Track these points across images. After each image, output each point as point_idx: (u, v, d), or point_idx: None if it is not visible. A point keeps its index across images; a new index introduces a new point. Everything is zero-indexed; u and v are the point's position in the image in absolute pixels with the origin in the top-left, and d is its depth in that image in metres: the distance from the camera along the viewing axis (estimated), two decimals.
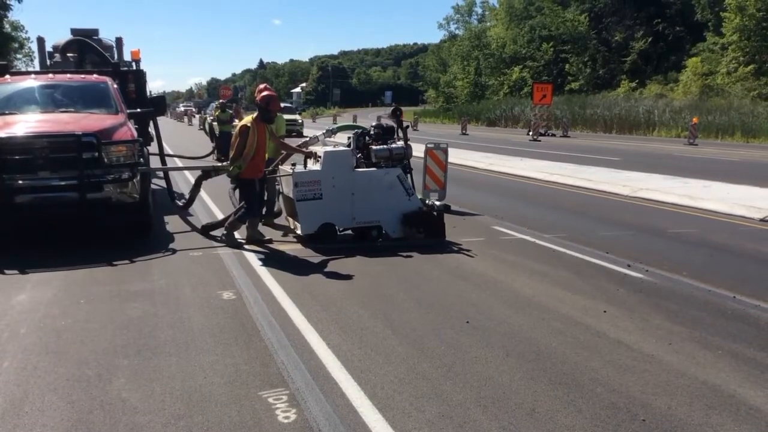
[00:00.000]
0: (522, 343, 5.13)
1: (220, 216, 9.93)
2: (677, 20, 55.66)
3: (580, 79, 59.94)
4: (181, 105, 53.95)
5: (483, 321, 5.62)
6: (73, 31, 14.00)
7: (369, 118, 50.01)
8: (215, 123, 20.87)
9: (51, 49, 14.25)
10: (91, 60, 12.89)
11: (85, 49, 12.97)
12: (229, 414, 3.91)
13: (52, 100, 9.34)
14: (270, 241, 8.58)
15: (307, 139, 9.94)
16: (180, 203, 9.89)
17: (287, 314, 5.73)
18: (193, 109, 55.99)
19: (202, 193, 12.09)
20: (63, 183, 7.81)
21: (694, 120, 31.55)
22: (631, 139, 35.93)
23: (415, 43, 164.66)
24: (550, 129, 39.83)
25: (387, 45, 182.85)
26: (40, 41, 14.38)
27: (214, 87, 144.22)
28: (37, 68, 15.18)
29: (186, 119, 57.58)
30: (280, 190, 9.47)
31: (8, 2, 45.65)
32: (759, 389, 4.32)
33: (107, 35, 15.61)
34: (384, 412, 3.94)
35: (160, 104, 11.47)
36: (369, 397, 4.14)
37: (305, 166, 8.87)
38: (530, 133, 35.58)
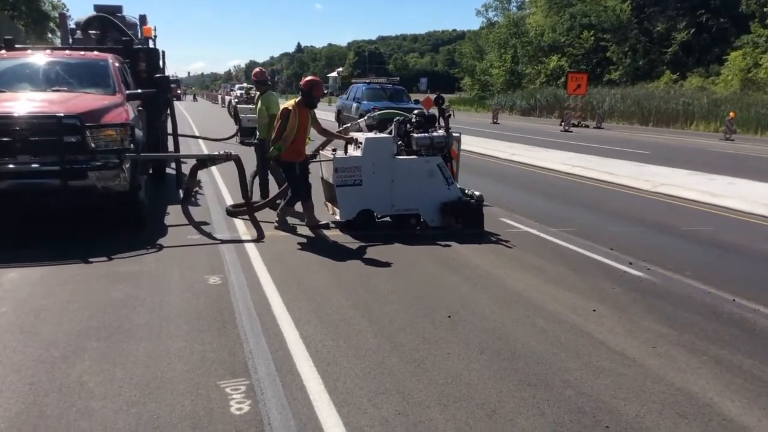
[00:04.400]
0: (500, 340, 4.99)
1: (229, 202, 9.88)
2: (722, 11, 54.11)
3: (620, 69, 58.73)
4: (236, 87, 46.57)
5: (465, 316, 5.49)
6: (96, 8, 13.78)
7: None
8: (239, 105, 20.95)
9: (74, 26, 14.23)
10: (113, 38, 12.77)
11: (107, 27, 12.78)
12: (182, 403, 3.86)
13: (46, 78, 8.92)
14: (327, 226, 8.63)
15: (348, 125, 9.88)
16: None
17: (268, 301, 5.68)
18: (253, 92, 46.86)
19: (217, 178, 12.13)
20: (43, 168, 7.26)
21: (731, 114, 30.66)
22: (666, 133, 35.10)
23: (454, 30, 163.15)
24: (584, 120, 39.14)
25: (425, 31, 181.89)
26: (62, 17, 14.33)
27: (252, 70, 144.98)
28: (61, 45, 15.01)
29: (220, 100, 57.68)
30: (320, 175, 9.41)
31: None
32: (737, 399, 4.13)
33: (150, 16, 15.45)
34: (339, 408, 3.85)
35: (164, 85, 11.03)
36: (328, 391, 4.05)
37: (346, 152, 8.89)
38: (562, 123, 35.00)
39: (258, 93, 10.62)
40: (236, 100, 25.21)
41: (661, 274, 6.94)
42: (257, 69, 10.80)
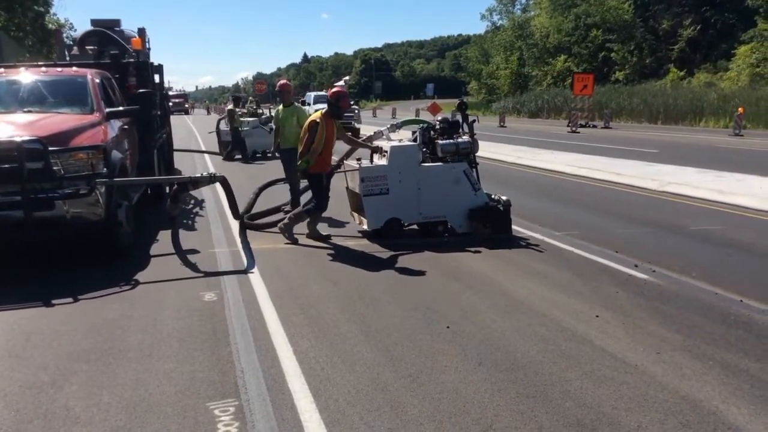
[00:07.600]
0: (499, 350, 4.85)
1: (231, 219, 9.72)
2: (727, 6, 53.75)
3: (626, 68, 58.42)
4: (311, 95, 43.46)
5: (465, 326, 5.36)
6: (94, 22, 13.36)
7: (410, 110, 49.47)
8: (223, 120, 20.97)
9: (71, 42, 13.98)
10: (110, 52, 12.48)
11: (105, 41, 12.39)
12: (168, 427, 3.75)
13: (18, 98, 8.24)
14: (329, 237, 8.60)
15: (372, 134, 9.86)
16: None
17: (263, 317, 5.56)
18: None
19: (220, 196, 11.95)
20: (4, 199, 6.58)
21: (740, 110, 30.34)
22: (675, 130, 34.80)
23: (460, 35, 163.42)
24: (592, 120, 38.92)
25: (431, 37, 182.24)
26: (57, 34, 14.11)
27: (258, 81, 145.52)
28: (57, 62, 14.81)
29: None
30: (345, 185, 9.37)
31: None
32: (743, 406, 3.97)
33: (158, 32, 15.14)
34: (330, 428, 3.73)
35: (147, 101, 10.26)
36: (320, 410, 3.93)
37: (371, 161, 8.88)
38: (569, 125, 34.79)
39: (280, 104, 10.71)
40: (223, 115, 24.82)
41: (667, 276, 6.78)
42: (283, 81, 11.05)
